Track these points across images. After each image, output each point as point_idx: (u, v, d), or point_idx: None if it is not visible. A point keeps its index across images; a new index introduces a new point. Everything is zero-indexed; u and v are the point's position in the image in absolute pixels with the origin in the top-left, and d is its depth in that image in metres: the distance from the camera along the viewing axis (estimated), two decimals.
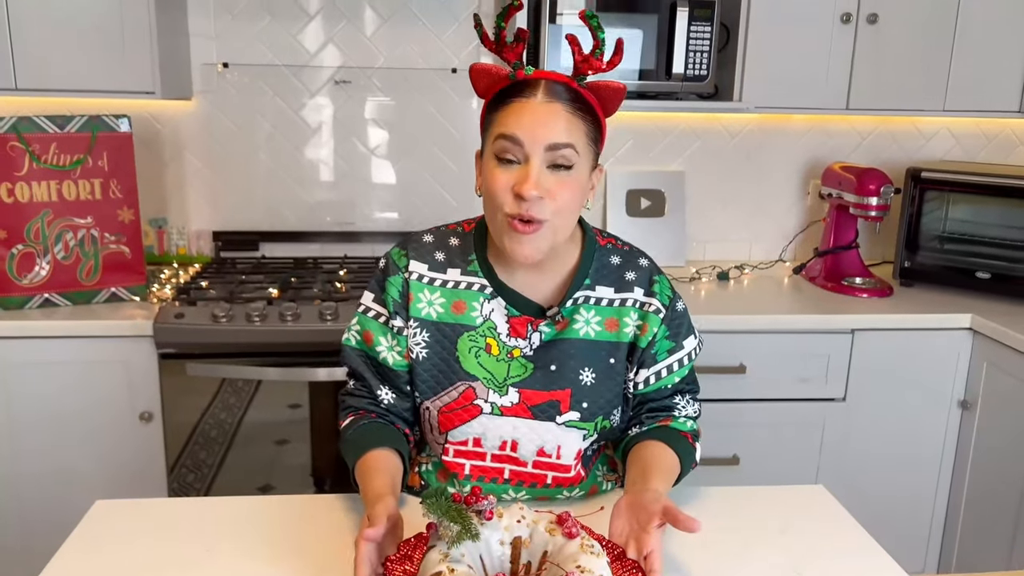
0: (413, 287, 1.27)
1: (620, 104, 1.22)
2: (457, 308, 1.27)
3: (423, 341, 1.26)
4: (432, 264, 1.29)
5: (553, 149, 1.14)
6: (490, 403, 1.24)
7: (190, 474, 2.11)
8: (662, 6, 2.25)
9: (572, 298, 1.26)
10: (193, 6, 2.42)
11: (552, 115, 1.15)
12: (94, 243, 2.09)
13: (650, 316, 1.27)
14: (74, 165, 2.03)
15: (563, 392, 1.24)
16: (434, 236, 1.32)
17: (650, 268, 1.31)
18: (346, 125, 2.55)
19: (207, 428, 2.09)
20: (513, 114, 1.15)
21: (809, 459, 2.26)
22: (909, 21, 2.34)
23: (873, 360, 2.21)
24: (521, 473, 1.27)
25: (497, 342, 1.25)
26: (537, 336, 1.26)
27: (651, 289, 1.29)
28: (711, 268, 2.57)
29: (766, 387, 2.20)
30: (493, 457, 1.27)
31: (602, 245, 1.32)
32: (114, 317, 2.02)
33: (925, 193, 2.43)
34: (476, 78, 1.22)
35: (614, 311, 1.27)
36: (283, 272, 2.37)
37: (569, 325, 1.26)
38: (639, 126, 2.66)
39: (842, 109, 2.39)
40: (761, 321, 2.17)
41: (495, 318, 1.26)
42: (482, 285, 1.27)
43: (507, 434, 1.24)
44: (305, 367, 2.03)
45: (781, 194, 2.76)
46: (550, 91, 1.16)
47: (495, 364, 1.25)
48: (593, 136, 1.20)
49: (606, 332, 1.26)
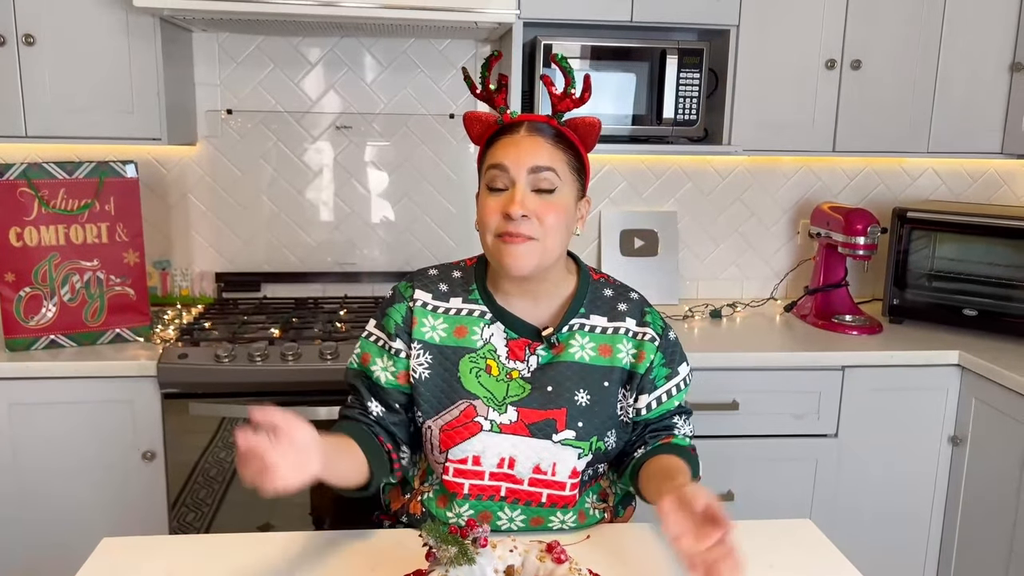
0: (417, 313, 1.37)
1: (597, 137, 1.36)
2: (459, 332, 1.36)
3: (425, 362, 1.35)
4: (436, 294, 1.39)
5: (535, 171, 1.27)
6: (490, 420, 1.31)
7: (190, 513, 2.13)
8: (652, 54, 2.33)
9: (568, 324, 1.36)
10: (199, 55, 2.50)
11: (534, 144, 1.29)
12: (100, 285, 2.13)
13: (646, 344, 1.37)
14: (82, 210, 2.09)
15: (559, 411, 1.31)
16: (438, 270, 1.43)
17: (641, 301, 1.43)
18: (347, 169, 2.62)
19: (207, 467, 2.11)
20: (501, 148, 1.30)
21: (803, 494, 2.28)
22: (892, 66, 2.42)
23: (864, 396, 2.25)
24: (517, 491, 1.32)
25: (497, 363, 1.34)
26: (535, 359, 1.34)
27: (644, 320, 1.39)
28: (704, 306, 2.62)
29: (759, 423, 2.23)
30: (491, 475, 1.32)
31: (595, 279, 1.43)
32: (118, 358, 2.06)
33: (912, 232, 2.49)
34: (469, 125, 1.37)
35: (607, 338, 1.36)
36: (284, 312, 2.42)
37: (565, 349, 1.35)
38: (632, 168, 2.73)
39: (828, 151, 2.46)
40: (754, 358, 2.21)
41: (495, 341, 1.35)
42: (482, 311, 1.37)
43: (506, 451, 1.31)
44: (306, 406, 2.06)
45: (771, 233, 2.82)
46: (533, 128, 1.31)
47: (495, 384, 1.32)
48: (575, 166, 1.33)
49: (600, 357, 1.35)
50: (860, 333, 2.40)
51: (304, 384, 2.04)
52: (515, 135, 1.31)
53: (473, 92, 1.38)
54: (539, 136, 1.30)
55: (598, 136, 1.36)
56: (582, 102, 1.34)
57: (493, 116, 1.36)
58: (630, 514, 1.51)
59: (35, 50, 2.12)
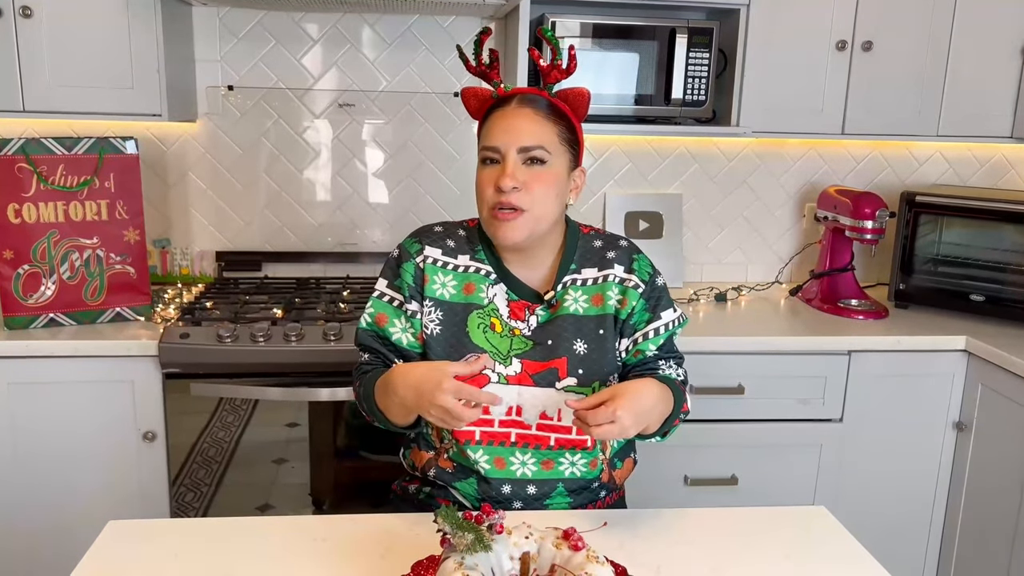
0: (428, 270, 1.42)
1: (587, 106, 1.40)
2: (468, 289, 1.41)
3: (437, 319, 1.40)
4: (445, 249, 1.44)
5: (525, 151, 1.33)
6: (496, 372, 1.37)
7: (189, 493, 2.12)
8: (659, 33, 2.30)
9: (562, 282, 1.42)
10: (199, 30, 2.45)
11: (525, 118, 1.34)
12: (100, 263, 2.10)
13: (629, 291, 1.42)
14: (81, 186, 2.05)
15: (560, 360, 1.38)
16: (443, 227, 1.48)
17: (630, 248, 1.47)
18: (348, 147, 2.58)
19: (206, 447, 2.09)
20: (494, 124, 1.36)
21: (807, 479, 2.28)
22: (903, 48, 2.39)
23: (870, 381, 2.24)
24: (526, 436, 1.38)
25: (500, 321, 1.40)
26: (534, 319, 1.41)
27: (631, 267, 1.44)
28: (708, 290, 2.60)
29: (764, 408, 2.22)
30: (501, 423, 1.37)
31: (585, 233, 1.48)
32: (119, 337, 2.03)
33: (919, 217, 2.47)
34: (467, 100, 1.42)
35: (598, 288, 1.42)
36: (286, 292, 2.39)
37: (561, 305, 1.41)
38: (637, 149, 2.70)
39: (837, 134, 2.43)
40: (759, 343, 2.19)
41: (497, 302, 1.41)
42: (487, 271, 1.42)
43: (512, 400, 1.37)
44: (307, 387, 2.04)
45: (777, 217, 2.80)
46: (525, 100, 1.36)
47: (499, 340, 1.39)
48: (567, 137, 1.37)
49: (593, 307, 1.41)
50: (866, 318, 2.39)
51: (307, 365, 2.02)
52: (506, 109, 1.36)
53: (469, 68, 1.42)
54: (530, 108, 1.35)
55: (588, 105, 1.39)
56: (568, 73, 1.38)
57: (488, 91, 1.41)
58: (629, 467, 1.52)
59: (32, 22, 2.07)
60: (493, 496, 1.38)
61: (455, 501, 1.42)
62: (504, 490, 1.38)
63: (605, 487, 1.46)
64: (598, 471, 1.43)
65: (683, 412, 1.39)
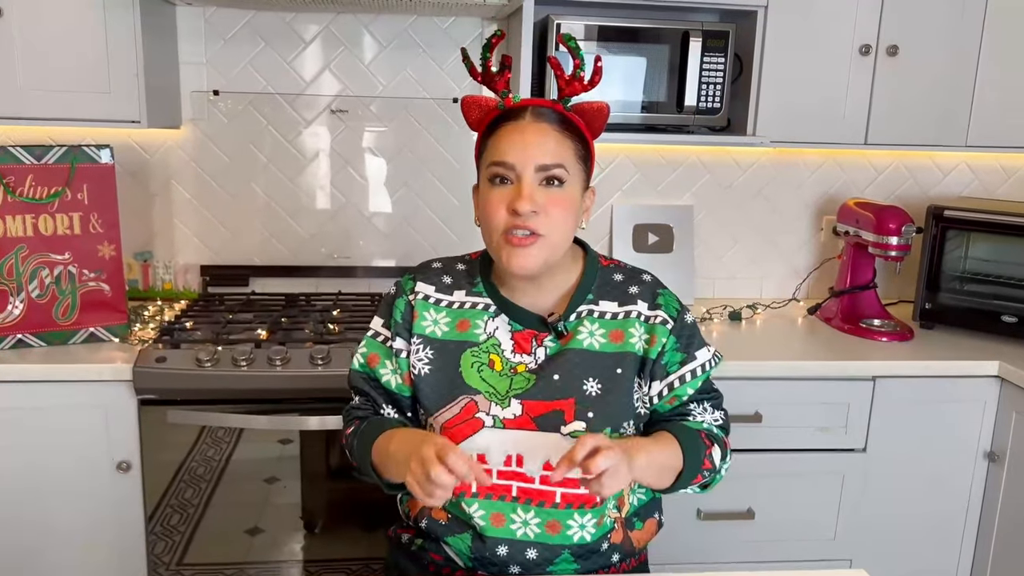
0: (418, 306, 1.31)
1: (604, 124, 1.27)
2: (461, 326, 1.29)
3: (426, 357, 1.28)
4: (439, 286, 1.33)
5: (543, 170, 1.19)
6: (492, 416, 1.23)
7: (175, 515, 1.99)
8: (671, 36, 2.16)
9: (576, 312, 1.28)
10: (183, 31, 2.32)
11: (541, 134, 1.21)
12: (72, 280, 1.97)
13: (657, 328, 1.28)
14: (51, 198, 1.92)
15: (566, 401, 1.23)
16: (442, 263, 1.37)
17: (653, 283, 1.33)
18: (343, 156, 2.45)
19: (194, 465, 1.97)
20: (505, 138, 1.21)
21: (828, 513, 2.13)
22: (931, 53, 2.24)
23: (895, 408, 2.09)
24: (529, 490, 1.23)
25: (500, 358, 1.26)
26: (542, 351, 1.26)
27: (656, 302, 1.30)
28: (722, 307, 2.46)
29: (783, 437, 2.08)
30: (499, 474, 1.23)
31: (604, 265, 1.34)
32: (92, 360, 1.90)
33: (946, 232, 2.33)
34: (467, 110, 1.29)
35: (618, 323, 1.28)
36: (273, 310, 2.26)
37: (573, 338, 1.26)
38: (646, 158, 2.56)
39: (860, 144, 2.29)
40: (778, 367, 2.05)
41: (499, 335, 1.27)
42: (486, 304, 1.30)
43: (511, 448, 1.22)
44: (294, 415, 1.91)
45: (793, 230, 2.66)
46: (538, 114, 1.23)
47: (497, 378, 1.25)
48: (582, 155, 1.24)
49: (611, 343, 1.26)
50: (890, 339, 2.24)
51: (293, 392, 1.89)
52: (519, 122, 1.22)
53: (473, 75, 1.30)
54: (544, 123, 1.22)
55: (606, 122, 1.27)
56: (591, 86, 1.26)
57: (494, 101, 1.27)
58: (651, 530, 1.36)
59: (2, 22, 1.94)
60: (487, 557, 1.24)
61: (447, 558, 1.28)
62: (500, 551, 1.23)
63: (619, 550, 1.29)
64: (605, 529, 1.26)
65: (705, 469, 1.25)
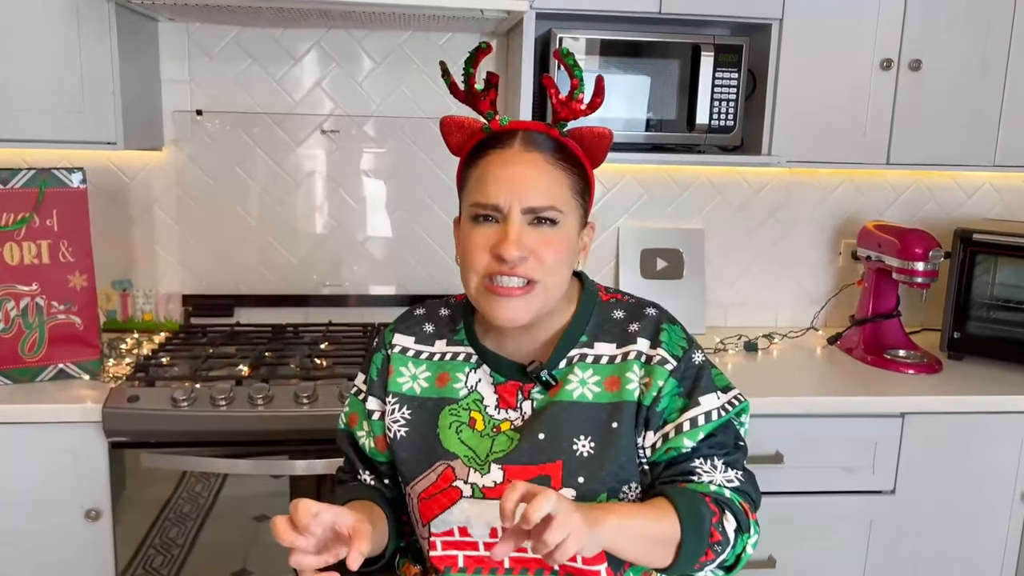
0: (395, 361, 1.18)
1: (607, 152, 1.12)
2: (441, 381, 1.15)
3: (402, 418, 1.15)
4: (419, 336, 1.20)
5: (532, 212, 1.05)
6: (470, 484, 1.08)
7: (158, 556, 1.84)
8: (681, 51, 2.03)
9: (566, 357, 1.11)
10: (166, 48, 2.20)
11: (532, 168, 1.05)
12: (39, 313, 1.83)
13: (655, 369, 1.09)
14: (17, 225, 1.79)
15: (553, 465, 1.07)
16: (426, 309, 1.24)
17: (658, 316, 1.15)
18: (334, 178, 2.32)
19: (180, 503, 1.83)
20: (490, 173, 1.06)
21: (855, 560, 1.98)
22: (956, 67, 2.11)
23: (925, 447, 1.95)
24: (526, 560, 1.07)
25: (483, 416, 1.12)
26: (529, 404, 1.11)
27: (658, 339, 1.11)
28: (736, 337, 2.32)
29: (805, 479, 1.93)
30: (486, 546, 1.09)
31: (604, 300, 1.17)
32: (60, 399, 1.76)
33: (975, 256, 2.19)
34: (448, 133, 1.13)
35: (615, 368, 1.10)
36: (258, 343, 2.12)
37: (562, 388, 1.10)
38: (654, 179, 2.42)
39: (882, 164, 2.16)
40: (799, 403, 1.91)
41: (482, 389, 1.13)
42: (467, 354, 1.16)
43: (495, 520, 1.06)
44: (281, 458, 1.76)
45: (809, 254, 2.52)
46: (529, 141, 1.07)
47: (478, 440, 1.10)
48: (579, 189, 1.09)
49: (605, 392, 1.09)
50: (917, 372, 2.10)
51: (276, 433, 1.74)
52: (505, 151, 1.07)
53: (454, 93, 1.14)
54: (536, 153, 1.06)
55: (608, 150, 1.12)
56: (591, 109, 1.10)
57: (478, 123, 1.12)
58: None
59: None
60: None
61: None
62: None
63: None
64: None
65: (714, 542, 1.02)
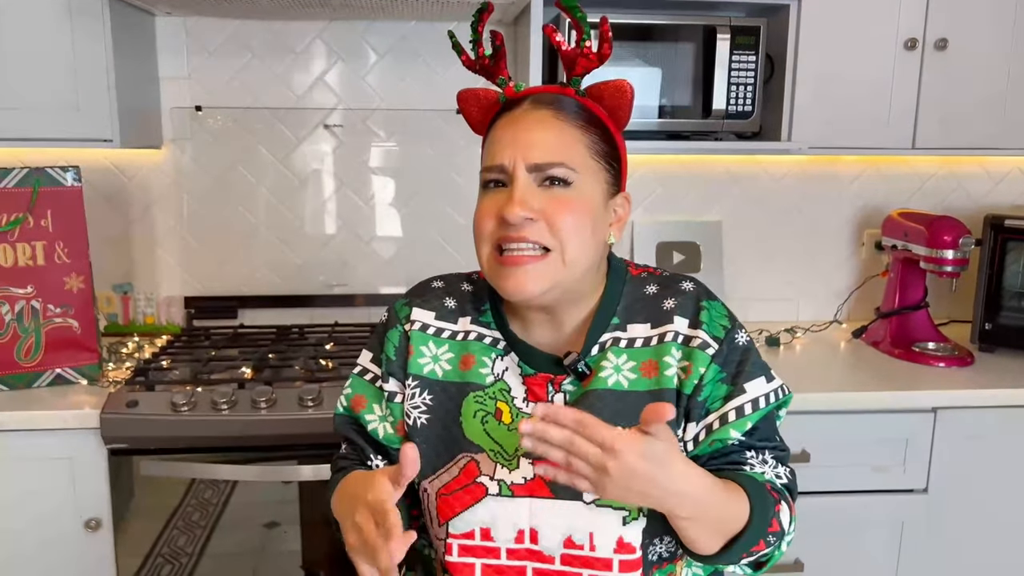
0: (415, 339, 1.09)
1: (630, 110, 1.03)
2: (465, 363, 1.07)
3: (423, 404, 1.06)
4: (440, 312, 1.11)
5: (537, 169, 0.97)
6: (497, 481, 1.00)
7: (166, 565, 1.78)
8: (695, 34, 1.95)
9: (598, 342, 1.03)
10: (163, 42, 2.14)
11: (537, 124, 0.98)
12: (35, 317, 1.77)
13: (696, 354, 1.00)
14: (11, 226, 1.73)
15: None
16: (445, 282, 1.15)
17: (696, 292, 1.06)
18: (338, 175, 2.25)
19: (189, 511, 1.77)
20: (497, 135, 1.01)
21: (886, 563, 1.90)
22: (984, 46, 2.03)
23: (958, 443, 1.86)
24: (548, 572, 0.99)
25: (510, 408, 1.03)
26: (561, 398, 1.03)
27: (698, 318, 1.02)
28: (758, 332, 2.23)
29: (833, 478, 1.85)
30: (509, 553, 1.00)
31: (635, 275, 1.09)
32: (57, 405, 1.70)
33: (1007, 244, 2.10)
34: (466, 107, 1.08)
35: (651, 351, 1.02)
36: (262, 345, 2.06)
37: (596, 376, 1.02)
38: (669, 171, 2.35)
39: (907, 149, 2.07)
40: (826, 399, 1.82)
41: (509, 379, 1.05)
42: (495, 339, 1.08)
43: (523, 521, 0.99)
44: (287, 463, 1.70)
45: (830, 245, 2.44)
46: (539, 99, 1.01)
47: (504, 433, 1.02)
48: (600, 150, 1.01)
49: (643, 379, 1.01)
50: (948, 365, 2.01)
51: (280, 438, 1.68)
52: (513, 111, 1.01)
53: (464, 61, 1.09)
54: (548, 109, 0.99)
55: (631, 105, 1.03)
56: (601, 60, 1.00)
57: (494, 93, 1.06)
58: None
59: None
60: None
61: None
62: None
63: None
64: None
65: (771, 533, 0.97)
